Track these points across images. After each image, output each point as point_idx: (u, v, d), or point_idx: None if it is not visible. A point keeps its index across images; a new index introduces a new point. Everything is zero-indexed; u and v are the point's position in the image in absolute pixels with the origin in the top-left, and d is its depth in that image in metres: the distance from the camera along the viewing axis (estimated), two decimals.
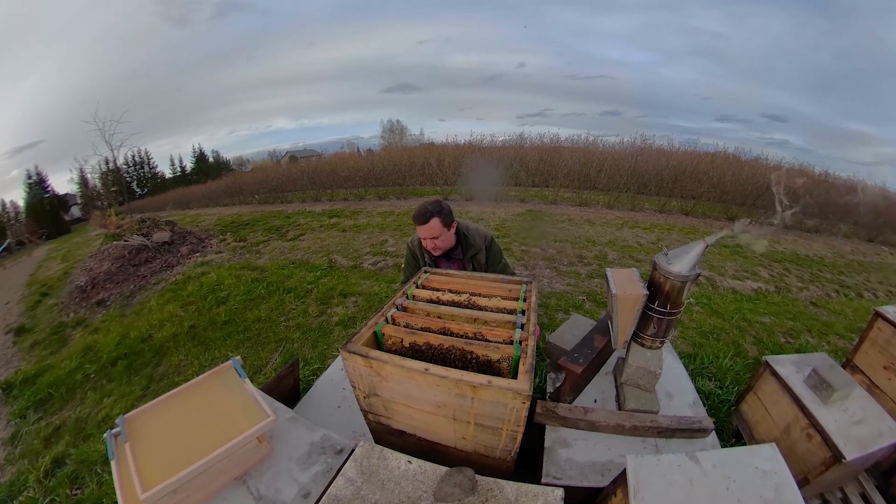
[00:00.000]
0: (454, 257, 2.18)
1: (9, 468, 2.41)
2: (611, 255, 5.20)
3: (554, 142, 11.56)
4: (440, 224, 1.98)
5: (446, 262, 2.22)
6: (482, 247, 2.15)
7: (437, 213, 1.96)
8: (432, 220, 1.95)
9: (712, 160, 9.54)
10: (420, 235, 2.03)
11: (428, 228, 1.96)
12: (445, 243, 2.05)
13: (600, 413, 1.33)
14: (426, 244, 2.04)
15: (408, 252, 2.30)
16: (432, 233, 1.97)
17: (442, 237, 2.02)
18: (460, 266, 2.20)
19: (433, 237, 1.99)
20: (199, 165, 46.42)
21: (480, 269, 2.17)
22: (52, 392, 3.07)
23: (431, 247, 2.04)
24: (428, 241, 2.02)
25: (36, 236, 16.88)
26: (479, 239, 2.17)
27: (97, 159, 16.97)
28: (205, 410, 1.15)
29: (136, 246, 6.01)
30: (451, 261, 2.21)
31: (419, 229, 2.00)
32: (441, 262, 2.22)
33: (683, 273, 1.17)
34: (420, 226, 1.98)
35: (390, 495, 0.93)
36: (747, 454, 0.94)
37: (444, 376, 0.98)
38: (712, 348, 2.95)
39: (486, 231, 2.23)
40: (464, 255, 2.16)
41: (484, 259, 2.17)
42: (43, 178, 38.84)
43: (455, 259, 2.19)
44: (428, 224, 1.95)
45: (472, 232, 2.18)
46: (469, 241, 2.15)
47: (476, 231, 2.19)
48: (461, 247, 2.16)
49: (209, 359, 3.21)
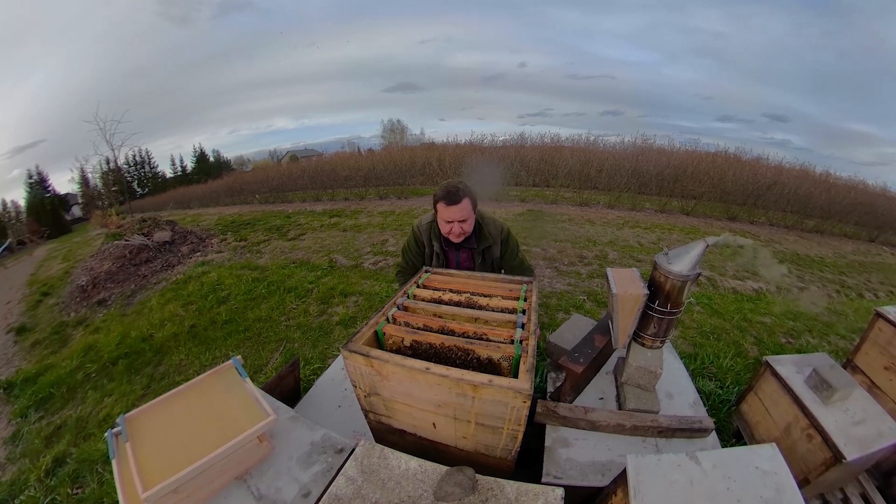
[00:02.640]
0: (465, 247, 1.96)
1: (10, 467, 2.41)
2: (611, 255, 5.20)
3: (555, 141, 11.57)
4: (471, 206, 1.78)
5: (456, 251, 2.00)
6: (497, 240, 1.95)
7: (467, 193, 1.75)
8: (464, 200, 1.73)
9: (713, 160, 9.53)
10: (446, 217, 1.78)
11: (459, 209, 1.74)
12: (470, 227, 1.84)
13: (601, 413, 1.33)
14: (452, 228, 1.80)
15: (411, 237, 2.05)
16: (463, 214, 1.75)
17: (469, 221, 1.81)
18: (470, 257, 1.99)
19: (462, 220, 1.77)
20: (199, 165, 46.45)
21: (493, 263, 1.99)
22: (53, 391, 3.07)
23: (458, 231, 1.80)
24: (455, 225, 1.79)
25: (37, 236, 16.89)
26: (496, 230, 1.97)
27: (98, 159, 17.02)
28: (205, 410, 1.15)
29: (137, 245, 6.02)
30: (461, 250, 1.99)
31: (447, 211, 1.76)
32: (450, 252, 2.01)
33: (684, 273, 1.17)
34: (450, 206, 1.74)
35: (391, 494, 0.93)
36: (747, 454, 0.94)
37: (445, 375, 0.98)
38: (713, 348, 2.95)
39: (502, 223, 2.02)
40: (476, 246, 1.94)
41: (498, 253, 1.97)
42: (44, 178, 38.88)
43: (466, 249, 1.97)
44: (460, 204, 1.73)
45: (489, 221, 1.97)
46: (484, 232, 1.94)
47: (492, 221, 1.99)
48: (475, 236, 1.94)
49: (210, 358, 3.21)
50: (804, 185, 8.69)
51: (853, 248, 7.17)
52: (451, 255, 2.01)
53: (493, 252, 1.97)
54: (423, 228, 1.99)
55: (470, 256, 2.00)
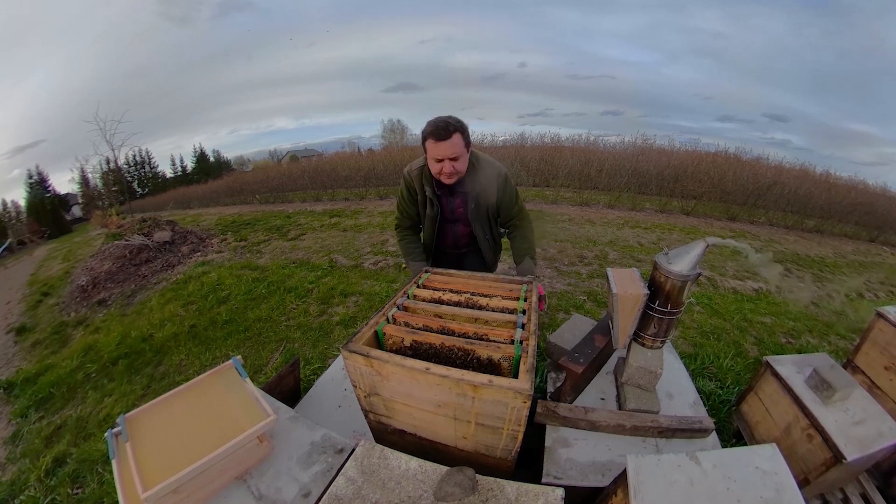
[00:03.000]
0: (459, 191, 1.82)
1: (10, 467, 2.41)
2: (611, 255, 5.20)
3: (555, 141, 11.56)
4: (462, 142, 1.62)
5: (449, 196, 1.86)
6: (493, 183, 1.79)
7: (459, 128, 1.60)
8: (455, 135, 1.58)
9: (713, 160, 9.51)
10: (435, 155, 1.62)
11: (450, 145, 1.58)
12: (463, 167, 1.69)
13: (601, 413, 1.33)
14: (443, 167, 1.63)
15: (402, 186, 1.91)
16: (453, 151, 1.59)
17: (462, 159, 1.66)
18: (464, 203, 1.85)
19: (453, 157, 1.61)
20: (199, 165, 46.50)
21: (489, 212, 1.86)
22: (53, 391, 3.07)
23: (449, 170, 1.64)
24: (446, 164, 1.62)
25: (37, 236, 16.91)
26: (492, 172, 1.80)
27: (98, 159, 17.04)
28: (205, 410, 1.15)
29: (137, 245, 6.02)
30: (455, 195, 1.85)
31: (436, 147, 1.60)
32: (444, 198, 1.86)
33: (684, 273, 1.17)
34: (438, 142, 1.58)
35: (391, 495, 0.93)
36: (748, 454, 0.94)
37: (445, 375, 0.98)
38: (713, 348, 2.95)
39: (500, 165, 1.84)
40: (470, 190, 1.80)
41: (494, 198, 1.81)
42: (44, 178, 38.91)
43: (460, 194, 1.84)
44: (450, 140, 1.57)
45: (484, 164, 1.80)
46: (477, 175, 1.78)
47: (489, 163, 1.81)
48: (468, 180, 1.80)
49: (210, 358, 3.21)
50: (804, 185, 8.68)
51: (853, 248, 7.16)
52: (444, 200, 1.88)
53: (487, 196, 1.82)
54: (415, 174, 1.84)
55: (464, 202, 1.86)
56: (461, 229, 2.02)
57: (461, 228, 2.02)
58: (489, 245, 2.05)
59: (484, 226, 1.95)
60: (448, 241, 2.10)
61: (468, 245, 2.12)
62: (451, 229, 2.03)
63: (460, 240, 2.08)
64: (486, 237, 2.00)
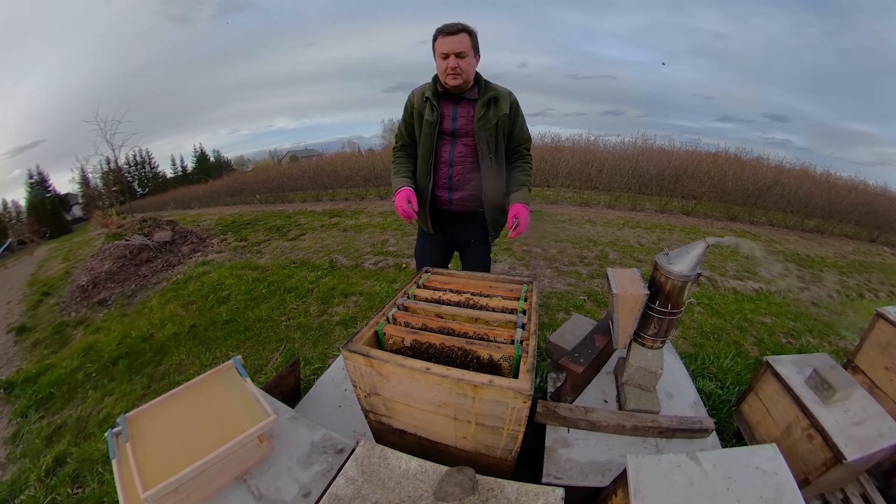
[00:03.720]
0: (467, 97, 1.79)
1: (10, 467, 2.41)
2: (612, 255, 5.20)
3: (555, 141, 11.57)
4: (469, 40, 1.66)
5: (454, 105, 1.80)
6: (506, 99, 1.80)
7: (467, 29, 1.65)
8: (462, 33, 1.64)
9: (713, 160, 9.52)
10: (443, 49, 1.64)
11: (457, 40, 1.63)
12: (469, 68, 1.69)
13: (601, 413, 1.33)
14: (448, 63, 1.65)
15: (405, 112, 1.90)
16: (460, 46, 1.63)
17: (469, 60, 1.68)
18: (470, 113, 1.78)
19: (459, 53, 1.63)
20: (200, 165, 46.59)
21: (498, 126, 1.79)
22: (53, 391, 3.08)
23: (453, 66, 1.65)
24: (451, 59, 1.64)
25: (37, 236, 16.92)
26: (503, 91, 1.82)
27: (98, 159, 17.05)
28: (206, 410, 1.15)
29: (138, 245, 6.02)
30: (460, 104, 1.80)
31: (443, 42, 1.64)
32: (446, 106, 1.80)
33: (684, 273, 1.17)
34: (445, 36, 1.64)
35: (391, 494, 0.93)
36: (748, 454, 0.94)
37: (446, 375, 0.98)
38: (713, 348, 2.95)
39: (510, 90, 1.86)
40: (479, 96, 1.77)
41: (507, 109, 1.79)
42: (44, 178, 38.99)
43: (468, 101, 1.79)
44: (457, 35, 1.63)
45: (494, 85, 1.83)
46: (490, 85, 1.80)
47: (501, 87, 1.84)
48: (478, 89, 1.79)
49: (210, 358, 3.21)
50: (804, 185, 8.68)
51: (854, 249, 7.16)
52: (446, 108, 1.81)
53: (500, 107, 1.78)
54: (417, 90, 1.85)
55: (470, 112, 1.81)
56: (461, 150, 1.86)
57: (461, 149, 1.86)
58: (491, 168, 1.87)
59: (490, 141, 1.82)
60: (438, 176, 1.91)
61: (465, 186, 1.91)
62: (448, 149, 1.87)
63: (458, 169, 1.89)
64: (490, 155, 1.85)
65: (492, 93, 1.77)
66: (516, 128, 1.89)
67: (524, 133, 1.94)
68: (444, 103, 1.81)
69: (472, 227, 2.03)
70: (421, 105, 1.81)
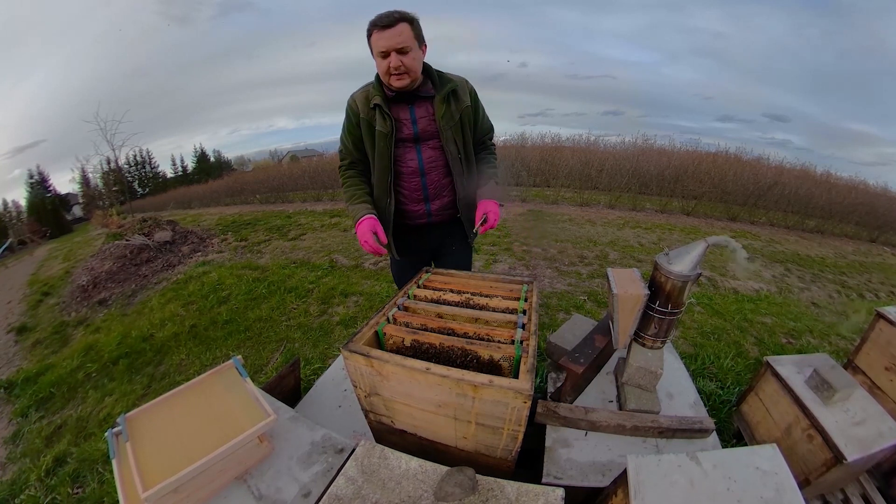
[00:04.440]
0: (422, 95, 1.54)
1: (10, 467, 2.41)
2: (612, 255, 5.20)
3: (555, 141, 11.55)
4: (410, 31, 1.39)
5: (408, 106, 1.55)
6: (465, 89, 1.60)
7: (406, 17, 1.38)
8: (401, 24, 1.37)
9: (714, 160, 9.51)
10: (380, 47, 1.39)
11: (395, 33, 1.36)
12: (414, 64, 1.43)
13: (601, 413, 1.33)
14: (389, 62, 1.39)
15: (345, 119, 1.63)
16: (401, 40, 1.37)
17: (413, 55, 1.42)
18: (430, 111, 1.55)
19: (401, 48, 1.37)
20: (200, 165, 46.63)
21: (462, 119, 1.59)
22: (53, 391, 3.08)
23: (396, 65, 1.39)
24: (392, 58, 1.38)
25: (37, 235, 16.91)
26: (459, 80, 1.60)
27: (99, 159, 17.06)
28: (206, 410, 1.15)
29: (138, 245, 6.02)
30: (417, 104, 1.55)
31: (380, 37, 1.38)
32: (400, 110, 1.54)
33: (685, 273, 1.17)
34: (381, 31, 1.37)
35: (391, 494, 0.93)
36: (748, 454, 0.94)
37: (446, 375, 0.98)
38: (713, 349, 2.95)
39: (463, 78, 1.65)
40: (437, 91, 1.54)
41: (468, 100, 1.60)
42: (44, 178, 39.05)
43: (424, 99, 1.55)
44: (395, 28, 1.36)
45: (447, 74, 1.61)
46: (444, 76, 1.57)
47: (454, 75, 1.62)
48: (432, 83, 1.56)
49: (210, 358, 3.21)
50: (805, 185, 8.68)
51: (854, 249, 7.16)
52: (401, 112, 1.55)
53: (462, 100, 1.57)
54: (359, 94, 1.57)
55: (430, 110, 1.57)
56: (430, 154, 1.62)
57: (430, 153, 1.62)
58: (462, 170, 1.66)
59: (458, 140, 1.61)
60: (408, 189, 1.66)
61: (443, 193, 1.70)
62: (414, 157, 1.62)
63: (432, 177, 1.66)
64: (460, 156, 1.64)
65: (449, 85, 1.54)
66: (479, 118, 1.70)
67: (486, 123, 1.76)
68: (396, 107, 1.55)
69: (452, 235, 1.84)
70: (369, 114, 1.54)
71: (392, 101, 1.54)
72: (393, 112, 1.53)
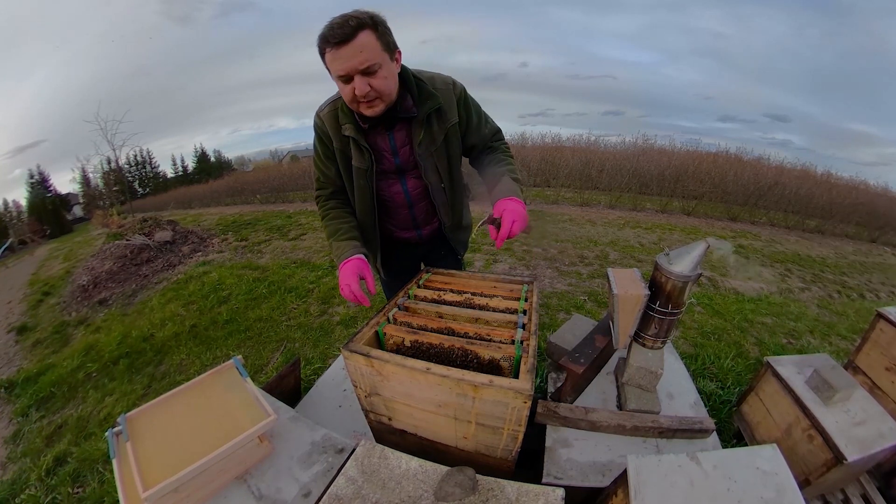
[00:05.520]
0: (402, 116, 1.24)
1: (10, 466, 2.41)
2: (612, 255, 5.20)
3: (555, 141, 11.56)
4: (376, 41, 1.06)
5: (386, 131, 1.28)
6: (451, 98, 1.29)
7: (367, 22, 1.04)
8: (362, 33, 1.03)
9: (714, 160, 9.52)
10: (339, 70, 1.07)
11: (356, 50, 1.03)
12: (387, 85, 1.12)
13: (601, 413, 1.33)
14: (355, 89, 1.08)
15: (316, 141, 1.37)
16: (364, 58, 1.04)
17: (384, 71, 1.09)
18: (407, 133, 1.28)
19: (365, 66, 1.05)
20: (200, 165, 46.68)
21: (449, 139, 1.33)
22: (53, 391, 3.08)
23: (364, 91, 1.08)
24: (358, 83, 1.07)
25: (38, 235, 16.94)
26: (443, 83, 1.29)
27: (99, 159, 17.12)
28: (206, 409, 1.15)
29: (138, 245, 6.02)
30: (396, 128, 1.28)
31: (334, 57, 1.05)
32: (378, 138, 1.28)
33: (685, 273, 1.17)
34: (336, 48, 1.03)
35: (391, 494, 0.93)
36: (748, 455, 0.94)
37: (446, 376, 0.98)
38: (714, 349, 2.95)
39: (448, 76, 1.33)
40: (418, 110, 1.24)
41: (456, 117, 1.31)
42: (45, 178, 39.12)
43: (404, 120, 1.26)
44: (354, 41, 1.02)
45: (428, 76, 1.29)
46: (426, 89, 1.25)
47: (438, 77, 1.30)
48: (411, 97, 1.24)
49: (210, 358, 3.22)
50: (805, 185, 8.68)
51: (854, 249, 7.15)
52: (379, 141, 1.29)
53: (447, 117, 1.29)
54: (326, 114, 1.28)
55: (407, 133, 1.28)
56: (415, 184, 1.42)
57: (414, 183, 1.41)
58: (446, 199, 1.46)
59: (441, 166, 1.36)
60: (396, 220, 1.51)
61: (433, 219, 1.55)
62: (399, 189, 1.41)
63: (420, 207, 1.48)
64: (443, 185, 1.41)
65: (431, 103, 1.24)
66: (474, 129, 1.39)
67: (487, 127, 1.43)
68: (373, 135, 1.28)
69: (443, 246, 1.73)
70: (341, 142, 1.29)
71: (369, 129, 1.26)
72: (369, 140, 1.27)
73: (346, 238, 1.36)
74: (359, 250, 1.33)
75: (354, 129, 1.24)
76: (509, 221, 1.14)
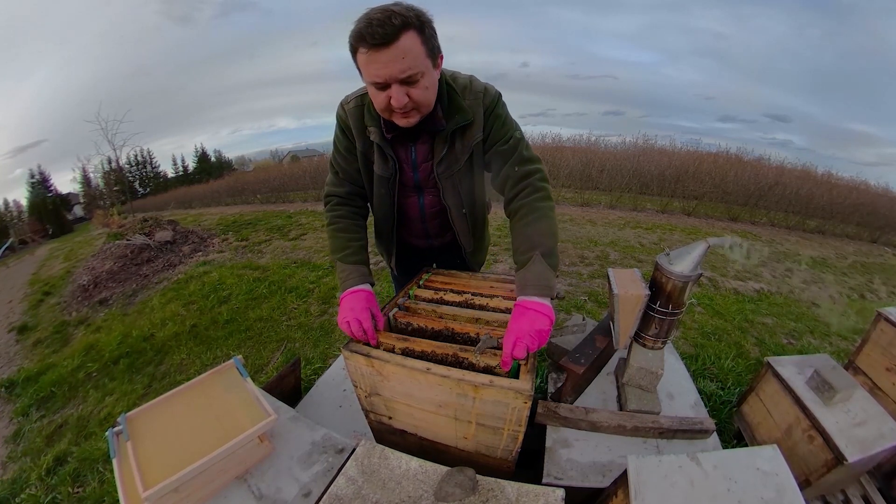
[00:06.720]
0: (427, 129, 1.13)
1: (11, 466, 2.42)
2: (612, 256, 5.20)
3: (556, 142, 11.53)
4: (421, 45, 0.92)
5: (411, 144, 1.18)
6: (479, 110, 1.13)
7: (413, 23, 0.89)
8: (406, 34, 0.88)
9: (715, 160, 9.50)
10: (375, 76, 0.93)
11: (394, 55, 0.88)
12: (427, 97, 1.01)
13: (601, 413, 1.33)
14: (391, 98, 0.95)
15: (338, 134, 1.23)
16: (403, 67, 0.90)
17: (426, 81, 0.97)
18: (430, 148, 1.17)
19: (407, 74, 0.92)
20: (201, 165, 46.73)
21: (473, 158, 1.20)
22: (54, 390, 3.08)
23: (402, 103, 0.96)
24: (395, 93, 0.94)
25: (38, 235, 16.96)
26: (473, 95, 1.13)
27: (100, 159, 17.10)
28: (206, 409, 1.15)
29: (139, 245, 6.03)
30: (421, 140, 1.17)
31: (370, 60, 0.90)
32: (400, 149, 1.18)
33: (685, 273, 1.16)
34: (376, 50, 0.88)
35: (391, 494, 0.93)
36: (748, 455, 0.94)
37: (446, 376, 0.98)
38: (714, 349, 2.94)
39: (485, 84, 1.17)
40: (445, 126, 1.12)
41: (482, 135, 1.16)
42: (46, 178, 39.17)
43: (428, 133, 1.15)
44: (397, 45, 0.87)
45: (462, 83, 1.14)
46: (456, 101, 1.11)
47: (470, 83, 1.15)
48: (441, 109, 1.11)
49: (211, 358, 3.22)
50: (806, 185, 8.66)
51: (855, 249, 7.15)
52: (401, 151, 1.19)
53: (471, 134, 1.15)
54: (352, 108, 1.16)
55: (430, 150, 1.18)
56: (431, 202, 1.32)
57: (430, 200, 1.31)
58: (467, 226, 1.35)
59: (463, 187, 1.24)
60: (409, 229, 1.42)
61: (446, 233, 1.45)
62: (415, 204, 1.32)
63: (434, 223, 1.38)
64: (464, 210, 1.30)
65: (460, 117, 1.11)
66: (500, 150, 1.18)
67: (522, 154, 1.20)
68: (396, 144, 1.18)
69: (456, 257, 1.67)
70: (364, 144, 1.19)
71: (389, 130, 1.13)
72: (394, 149, 1.18)
73: (354, 262, 1.22)
74: (367, 279, 1.20)
75: (380, 136, 1.13)
76: (510, 343, 0.95)
